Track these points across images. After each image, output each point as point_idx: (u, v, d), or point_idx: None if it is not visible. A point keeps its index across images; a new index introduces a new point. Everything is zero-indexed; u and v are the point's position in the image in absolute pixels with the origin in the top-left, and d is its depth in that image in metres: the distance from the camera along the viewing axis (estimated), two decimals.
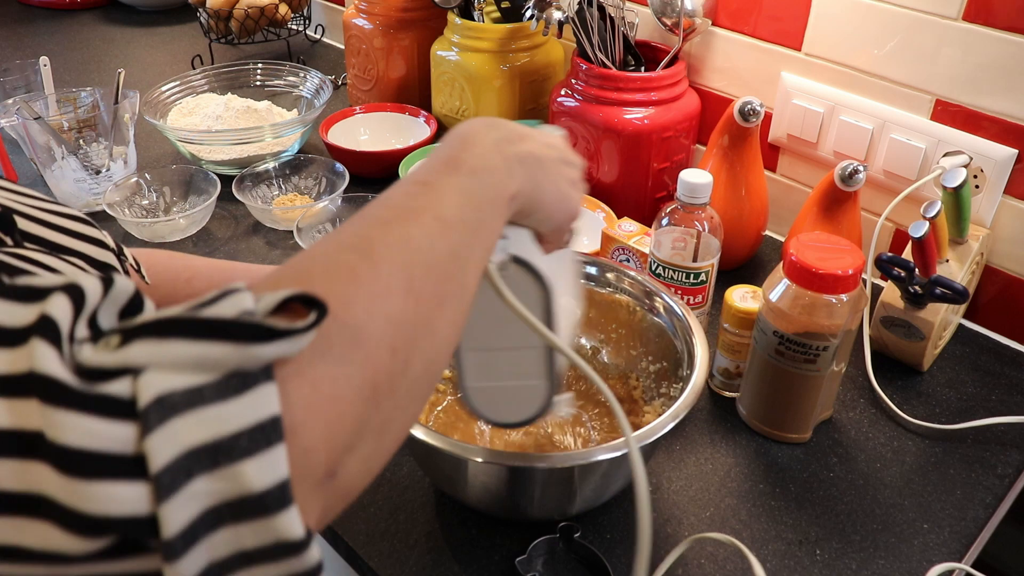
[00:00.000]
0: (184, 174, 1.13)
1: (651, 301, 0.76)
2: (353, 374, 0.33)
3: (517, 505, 0.66)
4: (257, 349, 0.30)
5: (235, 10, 1.48)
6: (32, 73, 1.29)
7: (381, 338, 0.35)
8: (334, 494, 0.34)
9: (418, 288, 0.37)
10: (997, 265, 0.92)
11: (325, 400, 0.32)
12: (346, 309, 0.34)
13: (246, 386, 0.30)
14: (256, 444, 0.29)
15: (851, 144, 0.97)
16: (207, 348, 0.29)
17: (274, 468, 0.29)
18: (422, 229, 0.39)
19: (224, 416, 0.29)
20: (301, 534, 0.30)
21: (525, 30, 1.16)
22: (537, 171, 0.49)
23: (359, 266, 0.36)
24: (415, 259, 0.38)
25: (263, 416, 0.29)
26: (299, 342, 0.31)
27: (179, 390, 0.28)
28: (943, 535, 0.69)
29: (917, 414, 0.81)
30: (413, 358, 0.36)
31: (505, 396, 0.53)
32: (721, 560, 0.67)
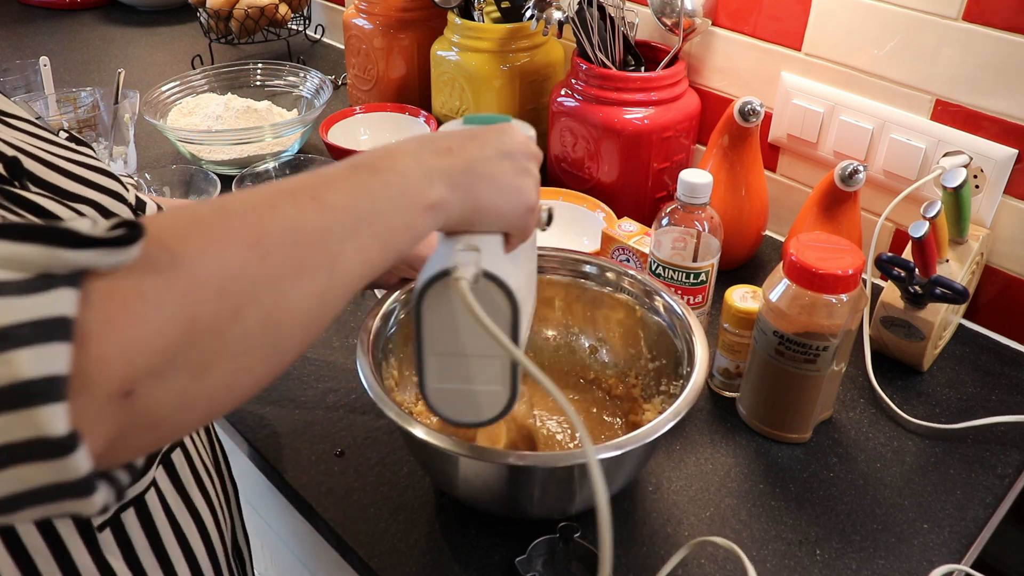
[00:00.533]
0: (184, 174, 1.13)
1: (651, 300, 0.76)
2: (168, 300, 0.34)
3: (517, 504, 0.66)
4: (65, 253, 0.31)
5: (235, 10, 1.48)
6: (32, 73, 1.29)
7: (208, 278, 0.36)
8: (132, 416, 0.34)
9: (267, 247, 0.39)
10: (997, 265, 0.92)
11: (129, 316, 0.33)
12: (179, 241, 0.35)
13: (47, 287, 0.31)
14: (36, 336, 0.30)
15: (851, 144, 0.97)
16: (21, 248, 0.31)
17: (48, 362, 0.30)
18: (294, 203, 0.41)
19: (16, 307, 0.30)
20: (62, 431, 0.31)
21: (525, 30, 1.16)
22: (469, 180, 0.49)
23: (211, 216, 0.38)
24: (273, 223, 0.39)
25: (51, 313, 0.31)
26: (110, 255, 0.32)
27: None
28: (943, 535, 0.69)
29: (917, 414, 0.81)
30: (247, 309, 0.37)
31: (466, 398, 0.54)
32: (721, 560, 0.67)
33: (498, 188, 0.51)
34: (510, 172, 0.52)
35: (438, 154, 0.49)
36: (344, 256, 0.42)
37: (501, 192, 0.51)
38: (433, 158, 0.49)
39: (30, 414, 0.30)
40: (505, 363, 0.52)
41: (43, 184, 0.48)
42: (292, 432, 0.78)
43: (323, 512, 0.71)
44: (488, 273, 0.49)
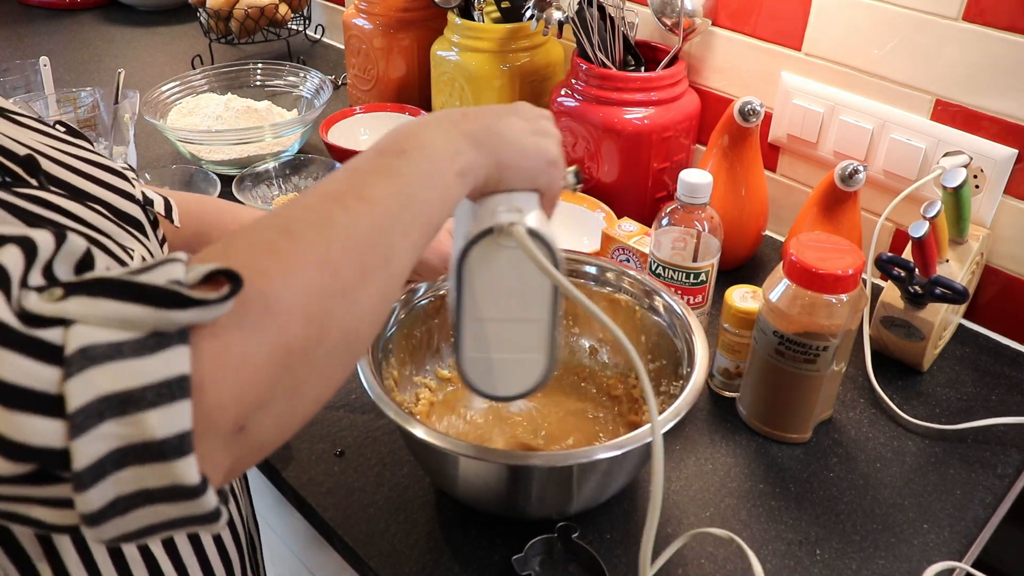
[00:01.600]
0: (184, 174, 1.13)
1: (651, 300, 0.76)
2: (265, 339, 0.36)
3: (515, 504, 0.66)
4: (174, 314, 0.33)
5: (235, 10, 1.48)
6: (32, 73, 1.29)
7: (295, 306, 0.38)
8: (245, 447, 0.37)
9: (336, 261, 0.40)
10: (997, 265, 0.92)
11: (236, 361, 0.35)
12: (263, 279, 0.37)
13: (161, 346, 0.33)
14: (161, 397, 0.33)
15: (851, 144, 0.97)
16: (131, 309, 0.33)
17: (176, 420, 0.33)
18: (342, 208, 0.42)
19: (137, 370, 0.33)
20: (196, 481, 0.34)
21: (525, 30, 1.16)
22: (490, 140, 0.51)
23: (278, 242, 0.39)
24: (333, 235, 0.41)
25: (172, 374, 0.33)
26: (213, 311, 0.34)
27: (102, 343, 0.32)
28: (943, 535, 0.69)
29: (917, 414, 0.81)
30: (330, 326, 0.39)
31: (502, 368, 0.54)
32: (721, 560, 0.67)
33: (518, 145, 0.52)
34: (527, 130, 0.53)
35: (457, 121, 0.50)
36: (396, 248, 0.44)
37: (522, 149, 0.52)
38: (455, 125, 0.50)
39: (164, 467, 0.33)
40: (544, 328, 0.53)
41: (58, 183, 0.48)
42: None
43: (323, 512, 0.71)
44: (532, 230, 0.49)
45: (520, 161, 0.52)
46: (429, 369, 0.79)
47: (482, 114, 0.52)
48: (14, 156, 0.46)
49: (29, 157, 0.47)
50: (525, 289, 0.50)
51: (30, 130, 0.51)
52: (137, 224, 0.52)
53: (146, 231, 0.53)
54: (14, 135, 0.48)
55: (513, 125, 0.52)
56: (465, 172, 0.49)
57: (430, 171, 0.47)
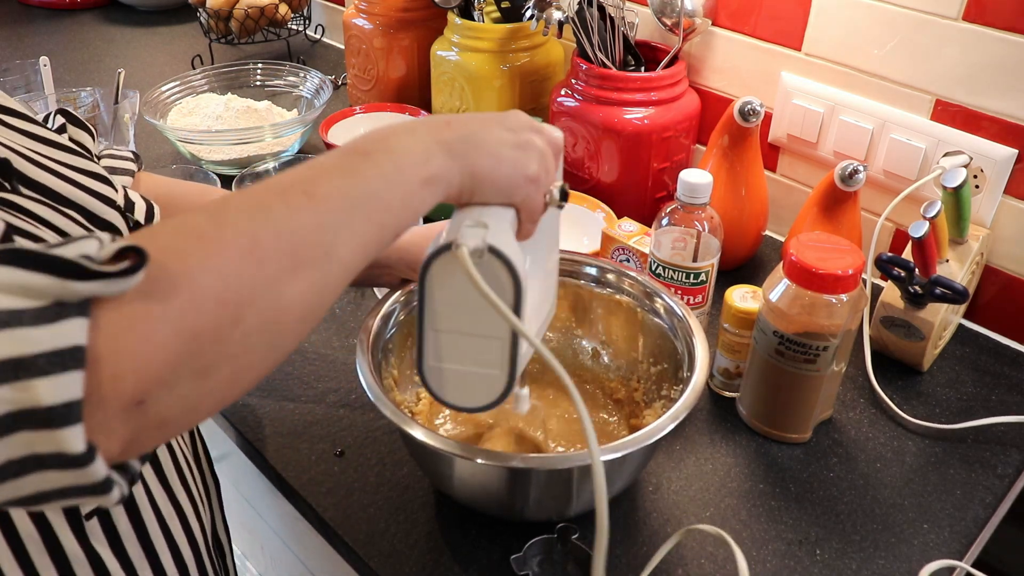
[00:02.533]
0: (184, 174, 1.12)
1: (651, 302, 0.76)
2: (170, 317, 0.36)
3: (514, 506, 0.66)
4: (73, 285, 0.34)
5: (235, 10, 1.48)
6: (32, 73, 1.29)
7: (207, 289, 0.38)
8: (145, 421, 0.37)
9: (263, 250, 0.40)
10: (997, 265, 0.92)
11: (138, 336, 0.35)
12: (178, 260, 0.37)
13: (60, 316, 0.34)
14: (53, 366, 0.33)
15: (851, 144, 0.97)
16: (34, 278, 0.33)
17: (65, 389, 0.33)
18: (283, 200, 0.42)
19: (32, 338, 0.33)
20: (81, 449, 0.34)
21: (525, 30, 1.16)
22: (466, 149, 0.50)
23: (205, 226, 0.40)
24: (266, 226, 0.41)
25: (66, 343, 0.33)
26: (116, 284, 0.35)
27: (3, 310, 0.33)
28: (943, 535, 0.69)
29: (917, 414, 0.81)
30: (246, 313, 0.39)
31: (462, 380, 0.54)
32: (721, 560, 0.67)
33: (496, 157, 0.51)
34: (509, 142, 0.52)
35: (436, 128, 0.50)
36: (338, 246, 0.43)
37: (499, 161, 0.51)
38: (430, 132, 0.49)
39: (51, 434, 0.33)
40: (504, 346, 0.52)
41: (33, 185, 0.48)
42: (292, 432, 0.78)
43: (323, 512, 0.71)
44: (493, 248, 0.48)
45: (495, 173, 0.51)
46: None
47: (465, 122, 0.52)
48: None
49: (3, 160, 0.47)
50: (484, 307, 0.48)
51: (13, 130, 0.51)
52: (114, 230, 0.52)
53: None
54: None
55: (495, 136, 0.51)
56: (434, 179, 0.48)
57: (392, 174, 0.46)
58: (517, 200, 0.53)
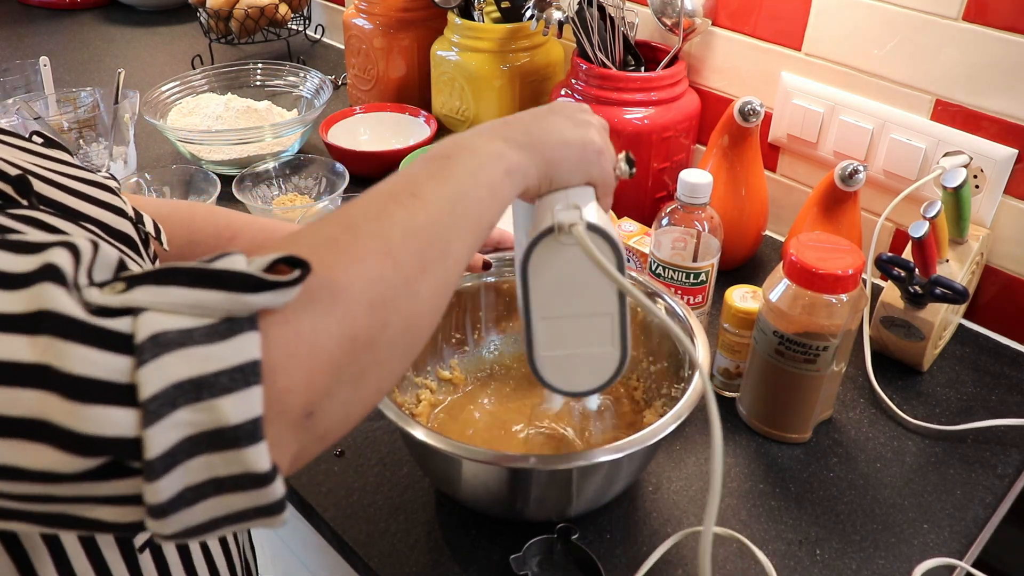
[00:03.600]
0: (184, 174, 1.12)
1: (652, 302, 0.76)
2: (332, 325, 0.37)
3: (514, 506, 0.66)
4: (246, 298, 0.33)
5: (235, 10, 1.48)
6: (32, 73, 1.29)
7: (360, 295, 0.38)
8: (311, 435, 0.37)
9: (396, 253, 0.41)
10: (997, 265, 0.92)
11: (306, 347, 0.35)
12: (328, 269, 0.38)
13: (232, 332, 0.33)
14: (235, 383, 0.32)
15: (851, 144, 0.97)
16: (202, 295, 0.33)
17: (249, 406, 0.33)
18: (398, 204, 0.43)
19: (209, 356, 0.32)
20: (267, 467, 0.33)
21: (525, 30, 1.16)
22: (534, 140, 0.51)
23: (340, 236, 0.40)
24: (393, 229, 0.42)
25: (244, 359, 0.33)
26: (285, 295, 0.34)
27: (173, 330, 0.32)
28: (943, 535, 0.70)
29: (917, 414, 0.81)
30: (392, 316, 0.40)
31: (576, 364, 0.54)
32: (721, 560, 0.67)
33: (563, 140, 0.52)
34: (569, 124, 0.53)
35: (498, 129, 0.52)
36: (452, 243, 0.45)
37: (567, 143, 0.52)
38: (495, 133, 0.51)
39: (237, 454, 0.33)
40: (614, 320, 0.53)
41: (50, 203, 0.48)
42: None
43: (323, 512, 0.71)
44: (592, 225, 0.49)
45: (567, 155, 0.52)
46: (430, 370, 0.79)
47: (520, 119, 0.53)
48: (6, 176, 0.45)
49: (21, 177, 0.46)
50: (591, 284, 0.50)
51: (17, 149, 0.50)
52: (130, 242, 0.52)
53: (139, 249, 0.53)
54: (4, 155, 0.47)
55: (553, 123, 0.53)
56: (512, 171, 0.49)
57: (477, 170, 0.48)
58: (594, 176, 0.54)
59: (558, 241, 0.49)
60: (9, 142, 0.51)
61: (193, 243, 0.69)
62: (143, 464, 0.32)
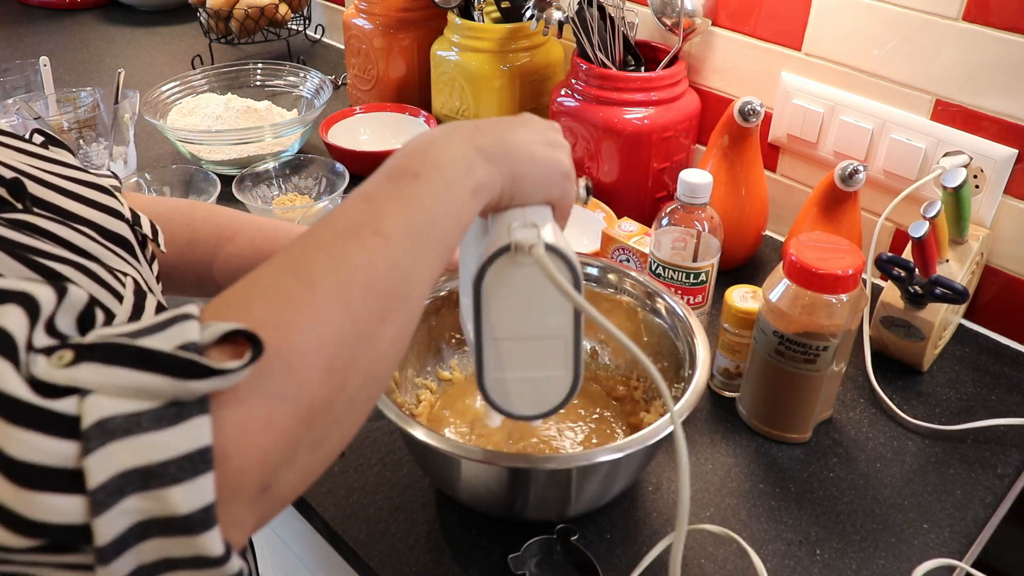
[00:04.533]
0: (184, 174, 1.12)
1: (652, 302, 0.76)
2: (288, 398, 0.36)
3: (514, 506, 0.66)
4: (192, 384, 0.32)
5: (235, 10, 1.48)
6: (32, 73, 1.29)
7: (315, 361, 0.37)
8: (270, 504, 0.37)
9: (356, 307, 0.39)
10: (997, 265, 0.92)
11: (259, 425, 0.34)
12: (282, 335, 0.36)
13: (181, 417, 0.32)
14: (184, 472, 0.32)
15: (851, 144, 0.97)
16: (148, 379, 0.32)
17: (200, 494, 0.32)
18: (361, 247, 0.41)
19: (157, 444, 0.32)
20: (220, 552, 0.33)
21: (525, 30, 1.16)
22: (502, 152, 0.50)
23: (296, 290, 0.38)
24: (353, 278, 0.40)
25: (193, 447, 0.32)
26: (233, 378, 0.33)
27: (119, 415, 0.31)
28: (943, 535, 0.70)
29: (917, 414, 0.81)
30: (350, 375, 0.39)
31: (526, 387, 0.52)
32: (721, 560, 0.67)
33: (532, 156, 0.51)
34: (540, 142, 0.52)
35: (469, 135, 0.50)
36: (416, 280, 0.43)
37: (536, 160, 0.51)
38: (466, 139, 0.49)
39: (189, 540, 0.32)
40: (568, 343, 0.51)
41: (44, 205, 0.47)
42: None
43: (323, 512, 0.71)
44: (550, 245, 0.48)
45: (534, 173, 0.51)
46: (430, 371, 0.79)
47: (494, 127, 0.51)
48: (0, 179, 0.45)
49: (15, 180, 0.45)
50: (546, 306, 0.48)
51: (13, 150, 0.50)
52: (126, 244, 0.51)
53: (135, 252, 0.52)
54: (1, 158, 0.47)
55: (524, 137, 0.51)
56: (480, 188, 0.48)
57: (445, 192, 0.46)
58: (555, 196, 0.53)
59: (514, 261, 0.48)
60: (5, 143, 0.50)
61: (193, 242, 0.69)
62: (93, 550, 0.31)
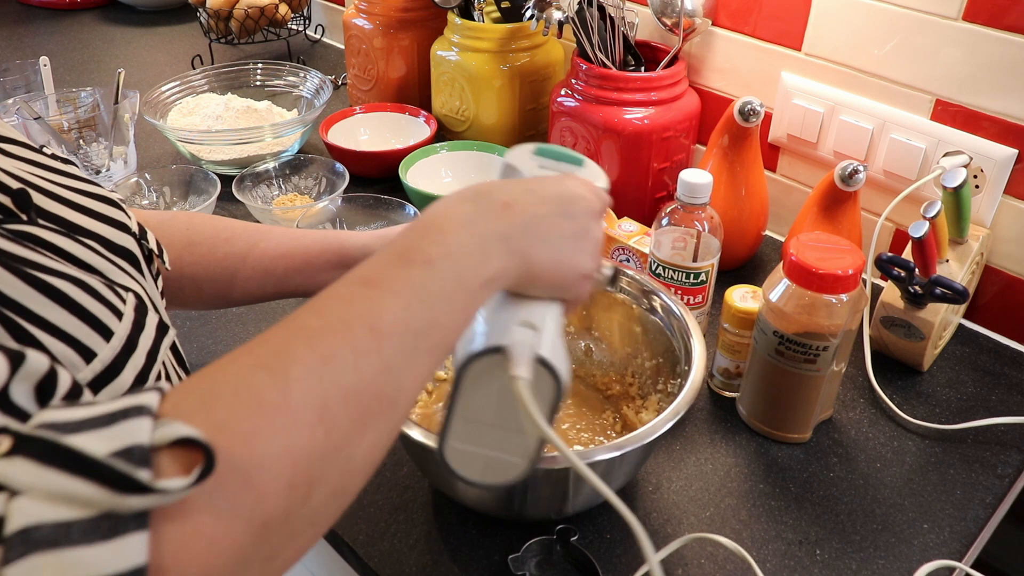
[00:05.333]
0: (184, 174, 1.12)
1: (649, 301, 0.76)
2: (240, 514, 0.32)
3: (512, 505, 0.66)
4: (128, 499, 0.29)
5: (235, 10, 1.48)
6: (32, 73, 1.29)
7: (278, 475, 0.34)
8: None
9: (333, 414, 0.36)
10: (997, 265, 0.92)
11: (204, 543, 0.31)
12: (244, 445, 0.33)
13: (115, 532, 0.29)
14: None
15: (851, 144, 0.97)
16: (82, 486, 0.29)
17: None
18: (349, 344, 0.37)
19: (85, 562, 0.28)
20: None
21: (525, 30, 1.16)
22: (526, 244, 0.46)
23: (269, 392, 0.35)
24: (334, 382, 0.36)
25: (125, 567, 0.29)
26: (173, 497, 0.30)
27: (47, 523, 0.28)
28: (943, 535, 0.69)
29: (917, 414, 0.81)
30: (315, 489, 0.35)
31: (483, 462, 0.52)
32: (721, 560, 0.67)
33: (555, 255, 0.47)
34: (569, 233, 0.48)
35: (495, 214, 0.46)
36: (405, 387, 0.40)
37: (558, 259, 0.48)
38: (490, 220, 0.45)
39: None
40: (532, 441, 0.50)
41: (50, 217, 0.46)
42: None
43: None
44: (542, 359, 0.46)
45: (552, 273, 0.48)
46: None
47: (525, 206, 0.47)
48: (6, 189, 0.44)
49: (21, 191, 0.44)
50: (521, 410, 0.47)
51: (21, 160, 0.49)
52: (131, 258, 0.50)
53: (140, 266, 0.51)
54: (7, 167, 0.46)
55: (556, 227, 0.47)
56: (492, 281, 0.44)
57: (455, 285, 0.42)
58: (569, 297, 0.50)
59: (502, 365, 0.46)
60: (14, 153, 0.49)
61: (192, 243, 0.70)
62: None
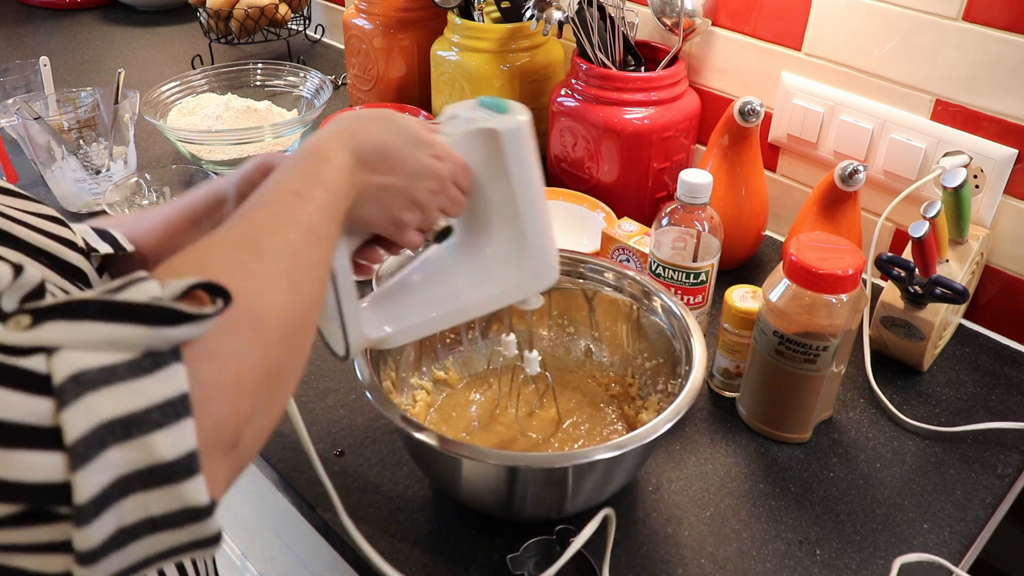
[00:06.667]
0: (184, 174, 1.12)
1: (649, 301, 0.76)
2: (252, 356, 0.37)
3: (512, 504, 0.66)
4: (167, 331, 0.33)
5: (235, 10, 1.48)
6: (32, 73, 1.29)
7: (274, 327, 0.39)
8: (237, 463, 0.37)
9: (300, 286, 0.42)
10: (997, 265, 0.92)
11: (230, 377, 0.35)
12: (245, 296, 0.37)
13: (157, 365, 0.32)
14: (166, 417, 0.32)
15: (851, 144, 0.97)
16: (120, 330, 0.32)
17: (183, 440, 0.32)
18: (301, 237, 0.44)
19: (136, 392, 0.31)
20: (206, 501, 0.33)
21: (525, 30, 1.16)
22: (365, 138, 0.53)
23: (250, 262, 0.40)
24: (297, 261, 0.42)
25: (173, 393, 0.32)
26: (205, 326, 0.34)
27: (93, 368, 0.31)
28: (943, 535, 0.69)
29: (917, 414, 0.81)
30: (294, 349, 0.41)
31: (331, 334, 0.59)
32: (721, 560, 0.67)
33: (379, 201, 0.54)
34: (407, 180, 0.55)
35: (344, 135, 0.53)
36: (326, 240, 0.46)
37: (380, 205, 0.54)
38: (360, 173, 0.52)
39: (173, 490, 0.32)
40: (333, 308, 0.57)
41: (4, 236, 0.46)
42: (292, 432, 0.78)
43: (323, 512, 0.71)
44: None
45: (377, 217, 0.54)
46: (426, 371, 0.80)
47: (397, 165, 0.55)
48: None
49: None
50: None
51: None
52: (80, 275, 0.51)
53: (90, 281, 0.52)
54: None
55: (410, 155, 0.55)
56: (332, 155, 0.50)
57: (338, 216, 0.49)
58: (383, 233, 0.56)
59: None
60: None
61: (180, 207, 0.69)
62: (72, 509, 0.30)
